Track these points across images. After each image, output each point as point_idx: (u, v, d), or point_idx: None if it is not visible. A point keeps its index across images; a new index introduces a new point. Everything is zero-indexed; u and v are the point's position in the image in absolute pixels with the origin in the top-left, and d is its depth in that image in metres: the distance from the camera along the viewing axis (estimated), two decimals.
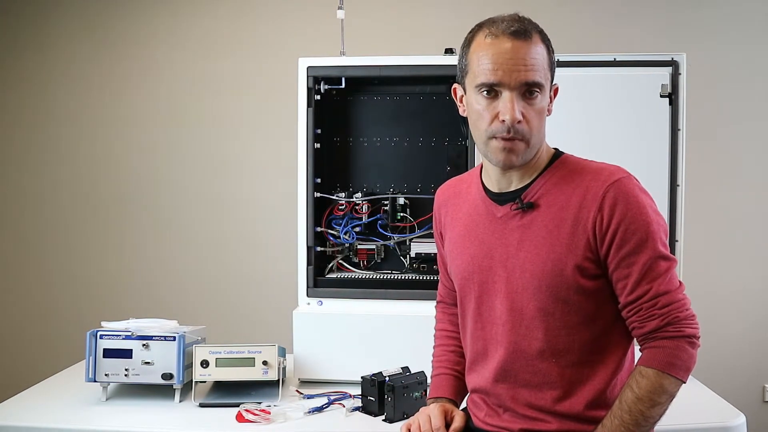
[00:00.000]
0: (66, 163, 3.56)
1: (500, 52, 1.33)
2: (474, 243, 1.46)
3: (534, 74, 1.33)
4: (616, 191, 1.32)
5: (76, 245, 3.56)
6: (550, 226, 1.36)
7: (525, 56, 1.33)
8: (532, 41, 1.34)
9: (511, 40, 1.33)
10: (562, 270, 1.34)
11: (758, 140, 3.30)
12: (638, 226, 1.31)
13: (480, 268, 1.45)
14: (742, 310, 3.33)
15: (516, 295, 1.39)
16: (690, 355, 1.32)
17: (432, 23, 3.32)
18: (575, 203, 1.35)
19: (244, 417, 1.82)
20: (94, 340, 1.94)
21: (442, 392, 1.58)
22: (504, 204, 1.43)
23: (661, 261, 1.32)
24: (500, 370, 1.42)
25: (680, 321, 1.31)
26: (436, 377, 1.62)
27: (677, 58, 2.10)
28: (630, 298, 1.33)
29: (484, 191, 1.48)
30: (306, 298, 2.18)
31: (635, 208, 1.32)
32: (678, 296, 1.33)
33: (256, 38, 3.45)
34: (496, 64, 1.33)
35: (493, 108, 1.35)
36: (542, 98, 1.36)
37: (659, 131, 2.09)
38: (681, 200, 2.10)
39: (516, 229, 1.40)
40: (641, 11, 3.30)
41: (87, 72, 3.52)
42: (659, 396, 1.30)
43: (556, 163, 1.43)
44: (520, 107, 1.33)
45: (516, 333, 1.40)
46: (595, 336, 1.37)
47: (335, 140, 2.34)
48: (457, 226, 1.52)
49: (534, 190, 1.40)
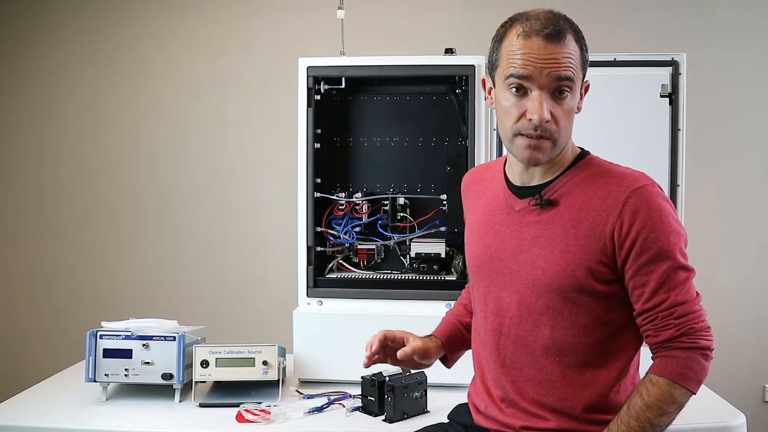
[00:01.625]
0: (65, 162, 3.56)
1: (532, 50, 1.31)
2: (489, 232, 1.47)
3: (565, 70, 1.32)
4: (638, 199, 1.31)
5: (76, 245, 3.56)
6: (567, 226, 1.36)
7: (557, 56, 1.32)
8: (565, 42, 1.33)
9: (544, 42, 1.31)
10: (574, 271, 1.34)
11: (758, 140, 3.30)
12: (659, 235, 1.30)
13: (492, 257, 1.45)
14: (742, 311, 3.32)
15: (526, 289, 1.39)
16: (702, 367, 1.31)
17: (432, 23, 3.32)
18: (595, 206, 1.34)
19: (244, 417, 1.82)
20: (94, 340, 1.94)
21: (435, 332, 1.65)
22: (524, 198, 1.43)
23: (680, 271, 1.32)
24: (505, 361, 1.43)
25: (696, 332, 1.31)
26: (441, 322, 1.68)
27: (677, 58, 2.10)
28: (646, 306, 1.32)
29: (506, 183, 1.48)
30: (306, 298, 2.18)
31: (657, 217, 1.31)
32: (695, 307, 1.32)
33: (256, 38, 3.45)
34: (527, 61, 1.32)
35: (521, 105, 1.34)
36: (572, 97, 1.35)
37: (659, 131, 2.09)
38: (681, 200, 2.10)
39: (532, 225, 1.40)
40: (641, 11, 3.30)
41: (87, 72, 3.52)
42: (668, 405, 1.29)
43: (580, 163, 1.42)
44: (548, 106, 1.32)
45: (522, 327, 1.40)
46: (602, 340, 1.37)
47: (335, 140, 2.34)
48: (477, 212, 1.54)
49: (555, 188, 1.40)
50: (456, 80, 2.20)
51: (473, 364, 1.58)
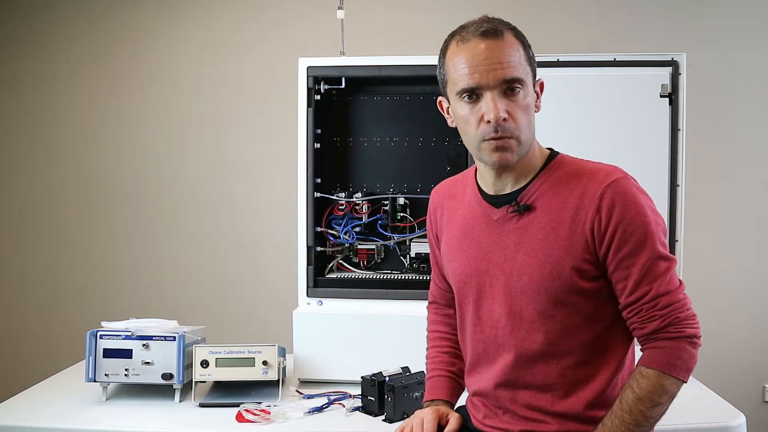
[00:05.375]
0: (65, 162, 3.55)
1: (474, 54, 1.32)
2: (471, 246, 1.46)
3: (511, 71, 1.32)
4: (613, 192, 1.32)
5: (76, 245, 3.56)
6: (548, 229, 1.36)
7: (499, 54, 1.32)
8: (504, 39, 1.33)
9: (483, 40, 1.32)
10: (560, 272, 1.34)
11: (758, 140, 3.30)
12: (637, 227, 1.31)
13: (477, 271, 1.44)
14: (742, 310, 3.32)
15: (515, 298, 1.39)
16: (691, 355, 1.32)
17: (432, 23, 3.31)
18: (572, 205, 1.35)
19: (244, 417, 1.82)
20: (94, 340, 1.94)
21: (437, 394, 1.58)
22: (500, 207, 1.42)
23: (660, 261, 1.32)
24: (502, 373, 1.41)
25: (681, 321, 1.31)
26: (431, 379, 1.61)
27: (677, 58, 2.10)
28: (630, 300, 1.33)
29: (480, 194, 1.47)
30: (306, 298, 2.18)
31: (633, 208, 1.31)
32: (678, 296, 1.33)
33: (256, 38, 3.44)
34: (472, 67, 1.32)
35: (477, 111, 1.34)
36: (525, 94, 1.35)
37: (659, 131, 2.09)
38: (681, 200, 2.10)
39: (513, 232, 1.40)
40: (641, 11, 3.29)
41: (87, 72, 3.52)
42: (660, 396, 1.30)
43: (551, 164, 1.42)
44: (503, 106, 1.32)
45: (516, 336, 1.39)
46: (596, 337, 1.37)
47: (335, 140, 2.34)
48: (453, 228, 1.52)
49: (530, 192, 1.40)
50: None
51: (466, 382, 1.55)
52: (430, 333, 1.70)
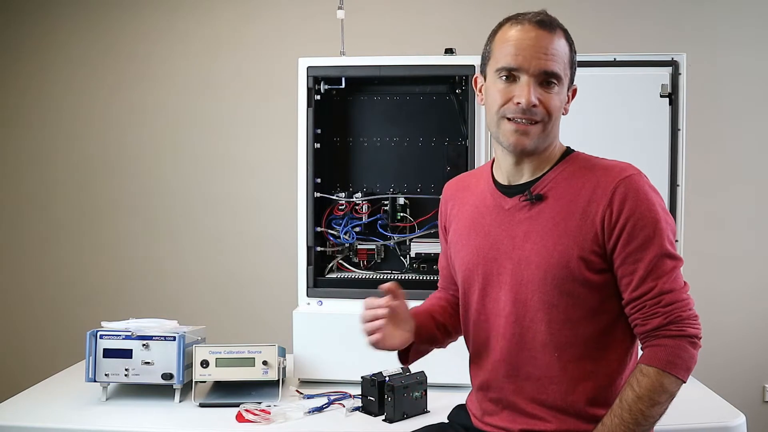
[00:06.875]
0: (65, 162, 3.56)
1: (524, 38, 1.36)
2: (480, 234, 1.47)
3: (553, 65, 1.35)
4: (626, 187, 1.33)
5: (76, 245, 3.56)
6: (558, 218, 1.37)
7: (547, 45, 1.35)
8: (556, 34, 1.37)
9: (536, 28, 1.36)
10: (567, 262, 1.34)
11: (758, 140, 3.30)
12: (646, 223, 1.32)
13: (485, 259, 1.45)
14: (742, 310, 3.32)
15: (521, 286, 1.39)
16: (691, 355, 1.32)
17: (432, 23, 3.31)
18: (585, 196, 1.36)
19: (244, 417, 1.82)
20: (94, 340, 1.94)
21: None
22: (513, 196, 1.44)
23: (667, 259, 1.33)
24: (503, 362, 1.42)
25: (683, 320, 1.31)
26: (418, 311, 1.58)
27: (677, 58, 2.10)
28: (634, 295, 1.33)
29: (494, 184, 1.49)
30: (306, 298, 2.18)
31: (645, 204, 1.33)
32: (682, 296, 1.33)
33: (256, 38, 3.45)
34: (518, 49, 1.35)
35: (509, 91, 1.37)
36: (560, 91, 1.38)
37: (659, 131, 2.09)
38: (681, 200, 2.10)
39: (523, 221, 1.41)
40: (641, 11, 3.30)
41: (87, 72, 3.52)
42: (659, 395, 1.30)
43: (567, 159, 1.44)
44: (537, 93, 1.35)
45: (519, 325, 1.40)
46: (599, 331, 1.37)
47: (335, 140, 2.34)
48: (463, 218, 1.53)
49: (544, 183, 1.41)
50: (456, 80, 2.20)
51: (469, 374, 1.55)
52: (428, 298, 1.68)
